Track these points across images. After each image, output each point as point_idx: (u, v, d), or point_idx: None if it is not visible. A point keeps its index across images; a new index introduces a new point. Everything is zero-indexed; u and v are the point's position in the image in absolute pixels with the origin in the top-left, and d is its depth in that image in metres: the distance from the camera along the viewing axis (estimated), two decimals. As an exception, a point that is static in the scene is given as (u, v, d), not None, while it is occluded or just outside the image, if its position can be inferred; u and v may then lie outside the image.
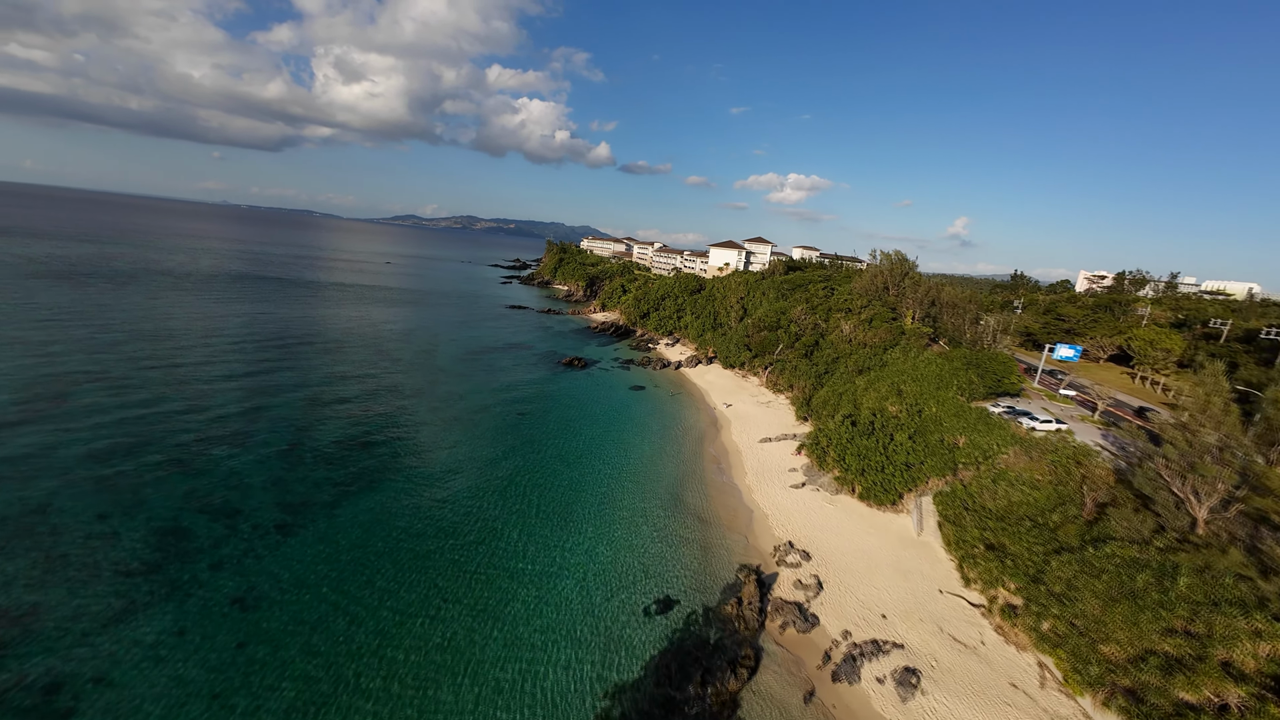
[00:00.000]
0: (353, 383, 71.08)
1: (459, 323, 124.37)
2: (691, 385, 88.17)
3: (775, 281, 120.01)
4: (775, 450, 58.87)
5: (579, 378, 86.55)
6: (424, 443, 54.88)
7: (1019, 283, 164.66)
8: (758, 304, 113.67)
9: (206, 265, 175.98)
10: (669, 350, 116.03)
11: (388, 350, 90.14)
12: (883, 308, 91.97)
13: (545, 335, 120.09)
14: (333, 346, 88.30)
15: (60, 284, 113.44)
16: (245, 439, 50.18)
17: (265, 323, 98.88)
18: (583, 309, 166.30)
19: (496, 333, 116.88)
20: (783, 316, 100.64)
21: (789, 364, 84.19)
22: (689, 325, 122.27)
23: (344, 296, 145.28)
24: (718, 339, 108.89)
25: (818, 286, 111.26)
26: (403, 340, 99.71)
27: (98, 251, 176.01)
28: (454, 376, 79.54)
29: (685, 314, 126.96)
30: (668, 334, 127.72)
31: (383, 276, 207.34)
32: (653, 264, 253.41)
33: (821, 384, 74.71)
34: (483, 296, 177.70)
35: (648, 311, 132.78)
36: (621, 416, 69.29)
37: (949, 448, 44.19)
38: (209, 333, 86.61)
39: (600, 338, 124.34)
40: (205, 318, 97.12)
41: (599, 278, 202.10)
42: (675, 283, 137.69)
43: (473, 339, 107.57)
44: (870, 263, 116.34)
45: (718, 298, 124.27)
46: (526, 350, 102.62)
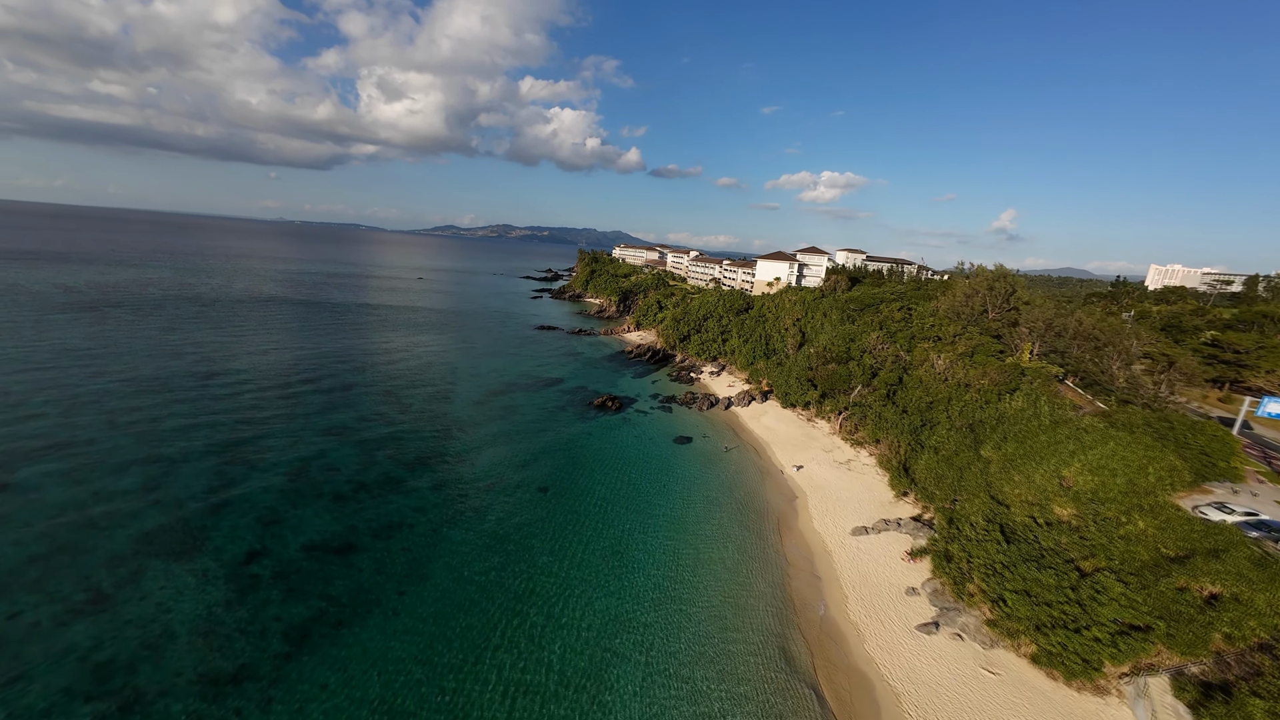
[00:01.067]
0: (347, 447, 60.40)
1: (483, 352, 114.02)
2: (748, 434, 73.53)
3: (838, 300, 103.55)
4: (877, 550, 43.78)
5: (613, 426, 73.48)
6: (411, 560, 42.91)
7: (1122, 289, 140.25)
8: (818, 327, 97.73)
9: (238, 288, 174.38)
10: (714, 381, 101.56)
11: (398, 393, 79.87)
12: (984, 337, 74.67)
13: (575, 365, 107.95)
14: (339, 391, 78.71)
15: (81, 317, 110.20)
16: (195, 548, 39.54)
17: (272, 362, 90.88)
18: (615, 328, 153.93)
19: (522, 363, 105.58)
20: (853, 345, 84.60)
21: (870, 409, 68.36)
22: (736, 350, 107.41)
23: (367, 321, 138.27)
24: (773, 370, 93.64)
25: (892, 306, 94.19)
26: (418, 378, 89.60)
27: (136, 277, 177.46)
28: (468, 429, 67.98)
29: (731, 337, 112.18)
30: (711, 359, 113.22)
31: (412, 295, 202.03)
32: (689, 274, 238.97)
33: (920, 442, 58.72)
34: (511, 316, 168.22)
35: (688, 334, 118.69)
36: (667, 490, 55.62)
37: (1196, 602, 28.15)
38: (206, 377, 78.68)
39: (636, 365, 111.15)
40: (210, 358, 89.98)
41: (632, 292, 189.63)
42: (718, 300, 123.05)
43: (495, 373, 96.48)
44: (954, 274, 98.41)
45: (769, 319, 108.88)
46: (554, 387, 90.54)
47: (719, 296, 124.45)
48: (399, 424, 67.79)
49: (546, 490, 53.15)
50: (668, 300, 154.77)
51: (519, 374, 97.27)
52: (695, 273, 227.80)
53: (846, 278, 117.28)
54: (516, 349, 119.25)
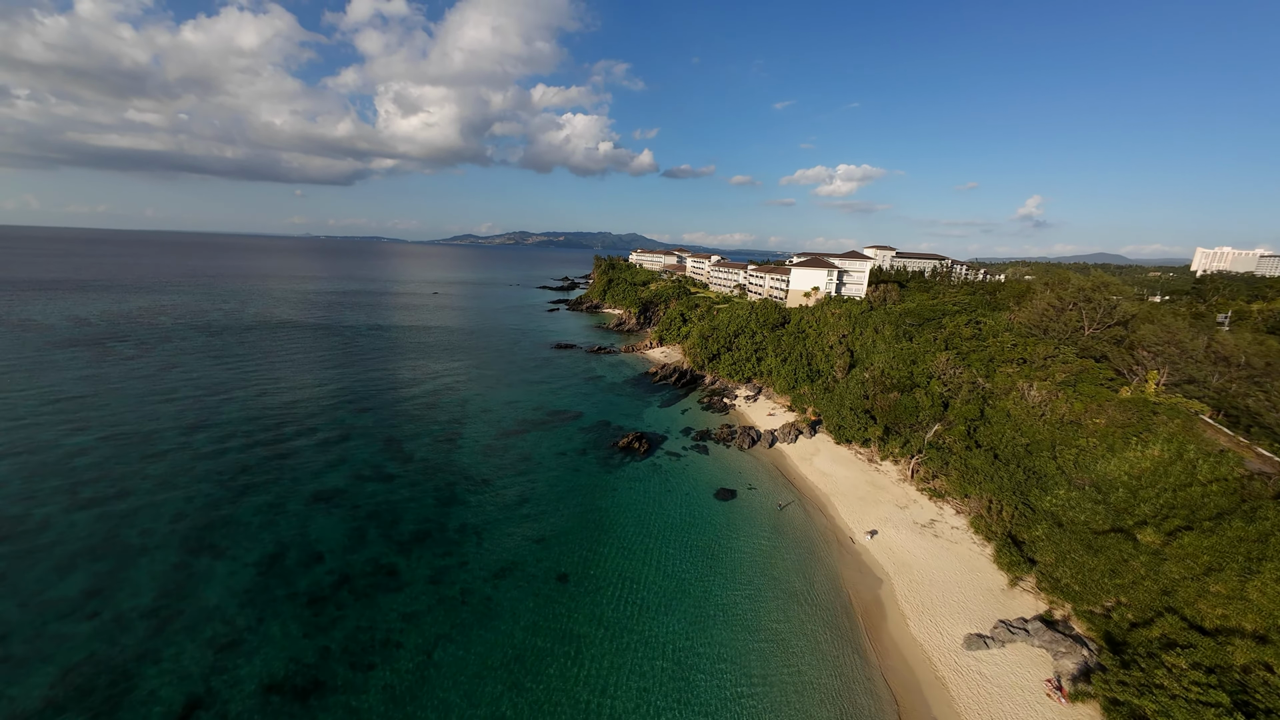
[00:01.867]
0: (335, 519, 51.84)
1: (496, 379, 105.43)
2: (802, 482, 62.58)
3: (890, 314, 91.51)
4: (1006, 675, 32.76)
5: (642, 475, 63.44)
6: (390, 699, 33.69)
7: (1213, 284, 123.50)
8: (869, 346, 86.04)
9: (250, 313, 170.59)
10: (751, 408, 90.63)
11: (401, 441, 71.42)
12: (1086, 360, 62.24)
13: (596, 392, 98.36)
14: (335, 441, 70.63)
15: (80, 355, 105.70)
16: (119, 699, 30.99)
17: (268, 406, 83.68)
18: (637, 343, 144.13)
19: (538, 393, 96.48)
20: (915, 368, 72.93)
21: (952, 454, 56.80)
22: (774, 372, 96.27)
23: (376, 347, 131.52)
24: (819, 396, 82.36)
25: (958, 321, 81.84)
26: (424, 417, 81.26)
27: (151, 304, 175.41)
28: (476, 489, 58.80)
29: (767, 355, 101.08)
30: (745, 380, 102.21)
31: (425, 313, 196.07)
32: (710, 279, 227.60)
33: (1030, 503, 47.09)
34: (527, 333, 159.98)
35: (718, 352, 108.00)
36: (716, 568, 45.38)
37: None
38: (193, 428, 71.55)
39: (662, 391, 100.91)
40: (202, 402, 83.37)
41: (653, 302, 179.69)
42: (749, 314, 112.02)
43: (509, 407, 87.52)
44: (1029, 279, 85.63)
45: (809, 335, 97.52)
46: (573, 423, 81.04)
47: (750, 310, 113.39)
48: (398, 483, 59.08)
49: (567, 579, 43.45)
50: (691, 313, 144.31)
51: (534, 407, 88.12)
52: (718, 278, 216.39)
53: (897, 287, 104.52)
54: (532, 374, 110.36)
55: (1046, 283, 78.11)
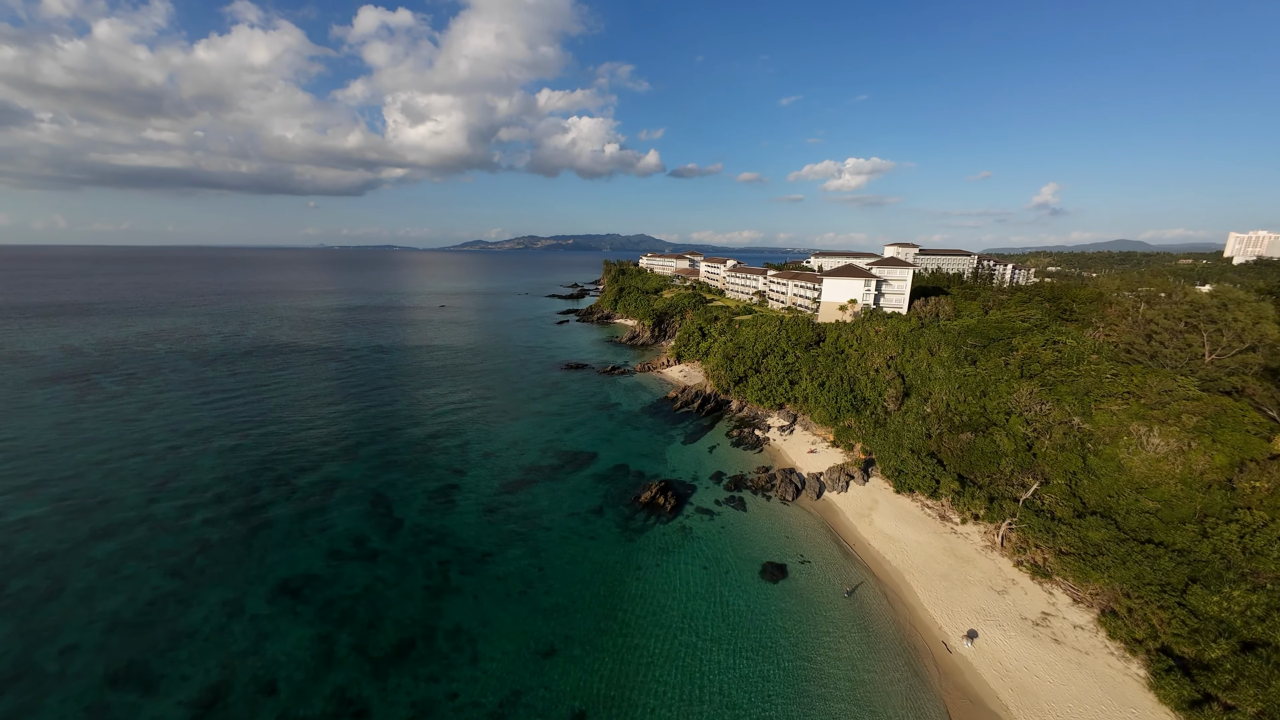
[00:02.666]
0: (300, 630, 42.58)
1: (501, 411, 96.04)
2: (865, 551, 51.88)
3: (947, 333, 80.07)
4: None
5: (670, 545, 53.22)
6: None
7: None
8: (925, 371, 74.84)
9: (250, 336, 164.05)
10: (788, 441, 79.91)
11: (389, 500, 62.21)
12: (1220, 397, 50.60)
13: (611, 426, 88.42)
14: (313, 510, 61.66)
15: (61, 393, 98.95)
16: None
17: (244, 460, 74.99)
18: (652, 360, 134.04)
19: (547, 428, 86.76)
20: (987, 400, 61.88)
21: (1060, 524, 45.72)
22: (811, 398, 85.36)
23: (375, 372, 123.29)
24: (869, 429, 71.39)
25: (1033, 340, 70.16)
26: (419, 463, 72.12)
27: (150, 329, 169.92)
28: (470, 574, 49.17)
29: (801, 378, 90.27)
30: (777, 406, 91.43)
31: (430, 330, 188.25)
32: (726, 285, 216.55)
33: (1186, 600, 35.96)
34: (535, 350, 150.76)
35: (744, 374, 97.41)
36: (767, 701, 35.02)
37: None
38: (158, 487, 63.16)
39: (685, 422, 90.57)
40: (176, 450, 75.34)
41: (667, 314, 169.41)
42: (779, 331, 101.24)
43: (513, 450, 77.92)
44: (1094, 278, 74.04)
45: (851, 357, 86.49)
46: (586, 469, 71.17)
47: (779, 326, 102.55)
48: (383, 562, 49.74)
49: None
50: (711, 326, 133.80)
51: (543, 447, 78.46)
52: (734, 284, 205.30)
53: (950, 299, 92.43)
54: (541, 402, 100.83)
55: (1142, 295, 66.25)
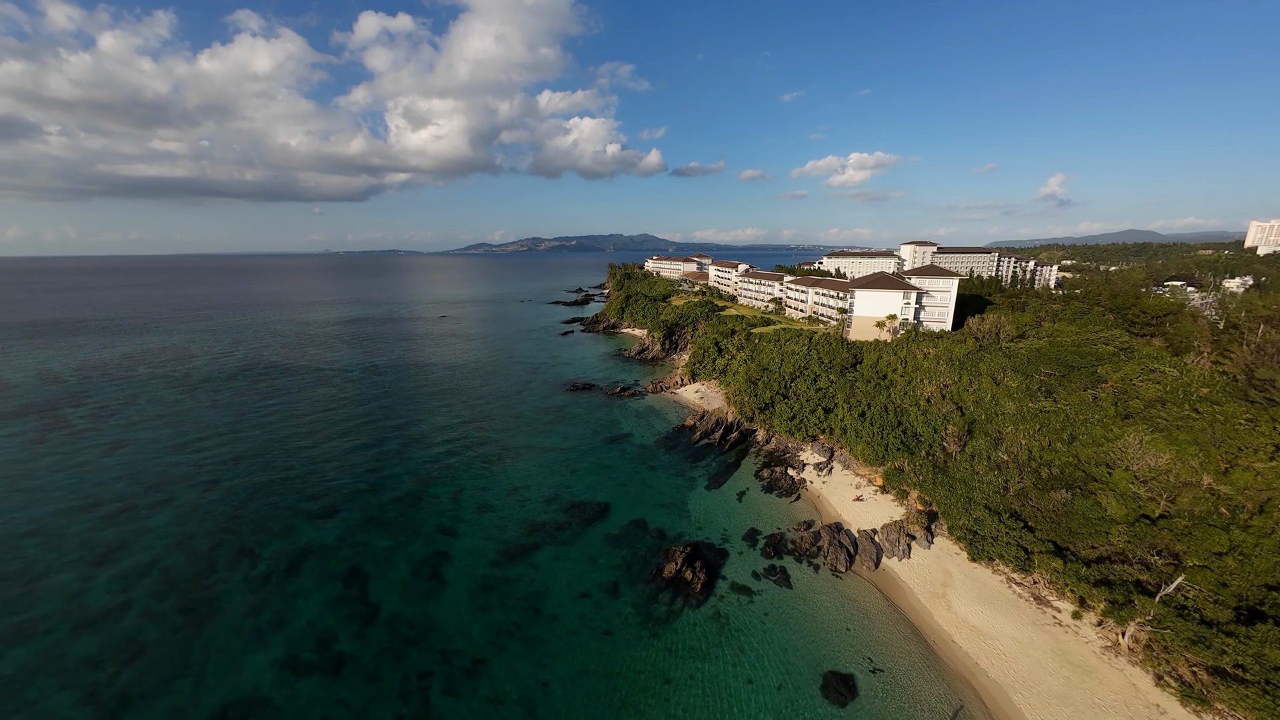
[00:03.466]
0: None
1: (500, 446, 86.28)
2: (948, 650, 41.47)
3: (1015, 357, 69.12)
4: None
5: (702, 646, 42.96)
6: None
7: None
8: (989, 403, 64.16)
9: (239, 357, 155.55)
10: (828, 484, 69.47)
11: (366, 574, 52.56)
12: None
13: (623, 464, 78.38)
14: (278, 575, 52.20)
15: (26, 427, 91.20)
16: None
17: (211, 507, 66.13)
18: (665, 379, 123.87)
19: (551, 470, 76.82)
20: (1078, 446, 51.41)
21: (1226, 636, 35.10)
22: (850, 430, 74.84)
23: (366, 398, 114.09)
24: (928, 476, 60.86)
25: (1127, 370, 59.18)
26: (403, 521, 62.48)
27: (135, 350, 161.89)
28: (455, 687, 39.22)
29: (837, 405, 79.87)
30: (809, 438, 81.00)
31: (429, 344, 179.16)
32: (739, 291, 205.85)
33: None
34: (539, 370, 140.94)
35: (771, 400, 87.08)
36: None
37: None
38: (99, 562, 53.89)
39: (706, 457, 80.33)
40: (130, 509, 66.31)
41: (678, 325, 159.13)
42: (808, 350, 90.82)
43: (513, 500, 68.03)
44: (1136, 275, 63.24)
45: (896, 383, 75.95)
46: (596, 525, 61.14)
47: (808, 344, 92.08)
48: (348, 676, 40.01)
49: None
50: (727, 341, 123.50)
51: (547, 496, 68.57)
52: (747, 291, 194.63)
53: (1012, 315, 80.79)
54: (544, 434, 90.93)
55: (1256, 310, 55.26)
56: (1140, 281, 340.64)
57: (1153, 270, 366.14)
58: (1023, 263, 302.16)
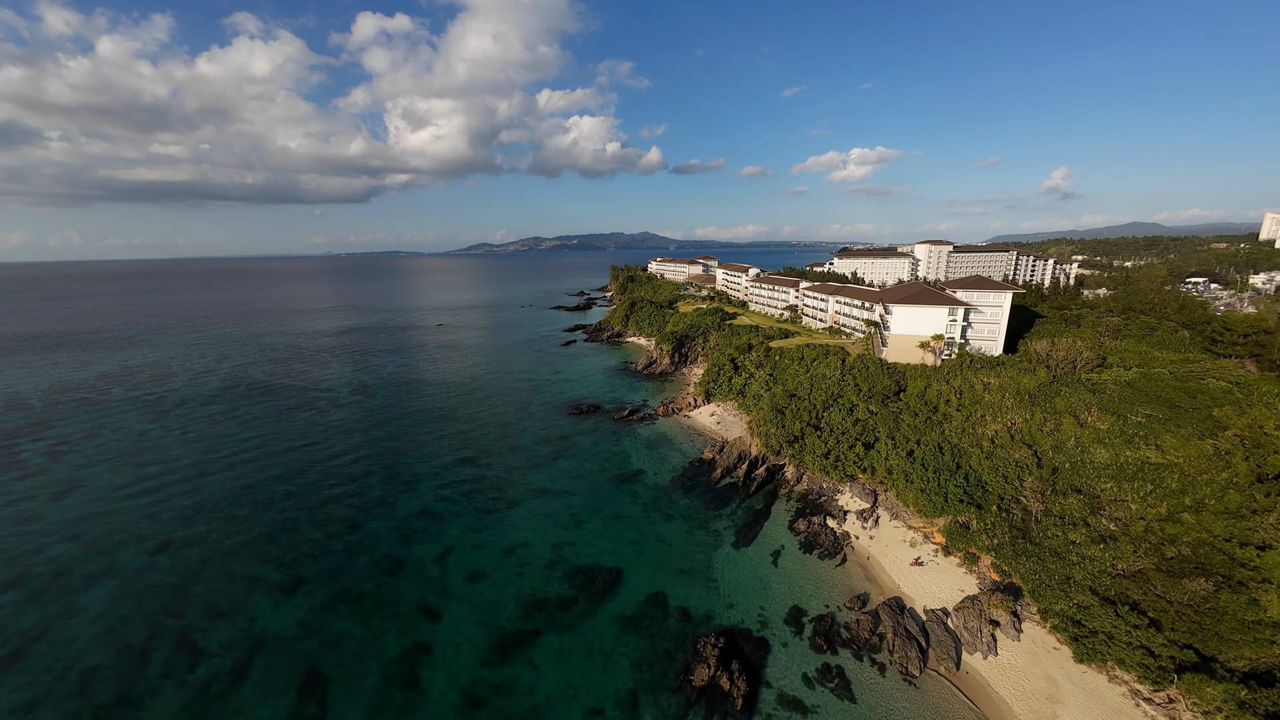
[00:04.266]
0: None
1: (494, 489, 76.49)
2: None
3: (1101, 392, 58.56)
4: None
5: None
6: None
7: None
8: (1075, 450, 53.93)
9: (220, 375, 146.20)
10: (877, 539, 59.45)
11: (326, 678, 42.83)
12: None
13: (634, 512, 68.39)
14: (219, 679, 42.52)
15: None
16: None
17: (155, 575, 56.72)
18: (677, 399, 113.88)
19: (552, 521, 66.94)
20: (1203, 516, 41.47)
21: None
22: (897, 471, 64.73)
23: (349, 428, 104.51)
24: (1006, 540, 50.67)
25: (1253, 413, 48.78)
26: (376, 600, 52.76)
27: (112, 369, 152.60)
28: None
29: (879, 440, 69.83)
30: (847, 477, 70.92)
31: (423, 358, 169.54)
32: (749, 297, 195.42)
33: None
34: (539, 388, 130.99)
35: (802, 432, 77.05)
36: None
37: None
38: (12, 656, 44.41)
39: (730, 504, 70.17)
40: (63, 577, 56.89)
41: (689, 336, 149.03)
42: (841, 375, 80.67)
43: (507, 565, 58.17)
44: None
45: (951, 417, 65.75)
46: (606, 604, 51.19)
47: (842, 369, 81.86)
48: None
49: None
50: (744, 358, 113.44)
51: (548, 560, 58.68)
52: (759, 297, 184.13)
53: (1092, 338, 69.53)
54: (545, 472, 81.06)
55: None
56: (1163, 279, 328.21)
57: (1173, 267, 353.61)
58: (1041, 261, 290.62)
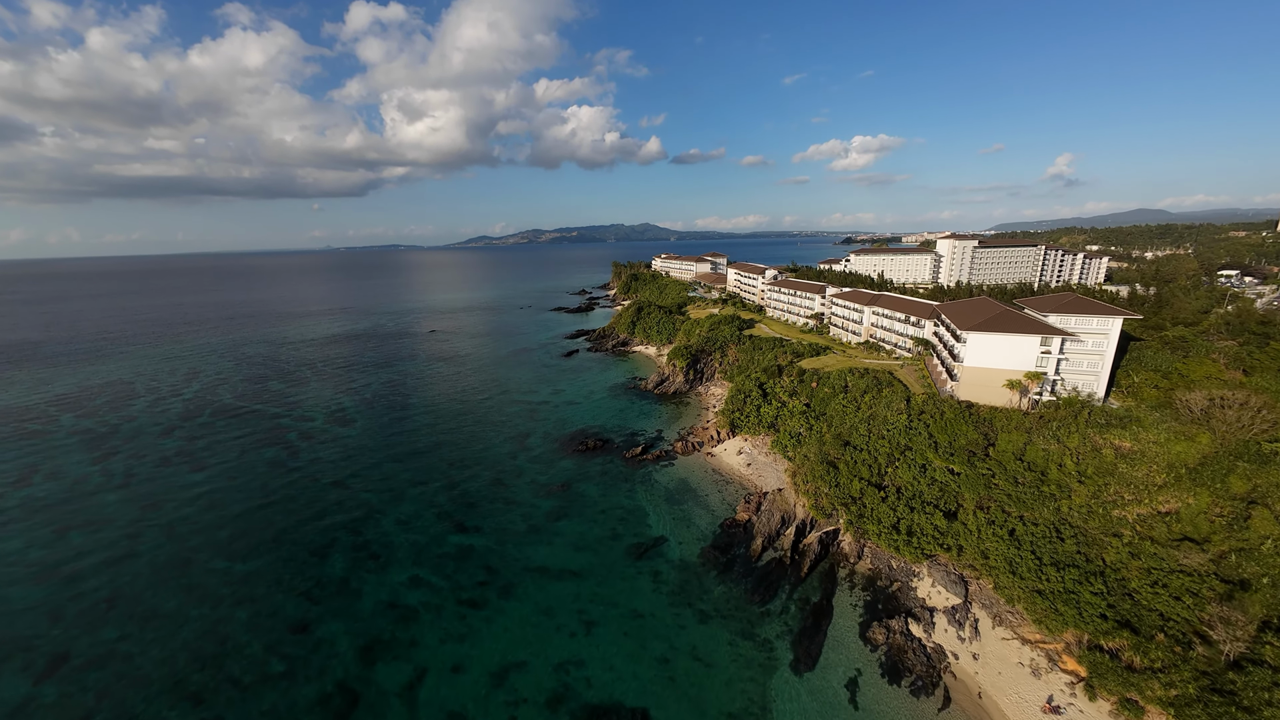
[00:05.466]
0: None
1: (478, 591, 62.19)
2: None
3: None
4: None
5: None
6: None
7: None
8: (1269, 556, 39.15)
9: (188, 397, 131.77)
10: (986, 661, 44.98)
11: None
12: None
13: (655, 604, 53.94)
14: None
15: None
16: None
17: None
18: (697, 430, 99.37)
19: (551, 627, 52.46)
20: None
21: None
22: (993, 555, 50.23)
23: (318, 471, 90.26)
24: (1192, 692, 36.16)
25: None
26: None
27: (71, 390, 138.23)
28: None
29: (965, 512, 55.26)
30: (923, 554, 56.34)
31: (411, 374, 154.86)
32: (766, 300, 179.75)
33: None
34: (539, 414, 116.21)
35: (861, 492, 62.42)
36: None
37: None
38: None
39: (779, 594, 55.66)
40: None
41: (705, 351, 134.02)
42: (911, 422, 65.80)
43: (494, 706, 44.03)
44: None
45: (1069, 490, 50.96)
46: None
47: (908, 412, 66.83)
48: None
49: None
50: (774, 383, 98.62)
51: (549, 693, 44.29)
52: (778, 302, 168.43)
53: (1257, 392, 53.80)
54: (546, 544, 66.60)
55: None
56: (1193, 271, 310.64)
57: (1203, 259, 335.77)
58: (1070, 256, 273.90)
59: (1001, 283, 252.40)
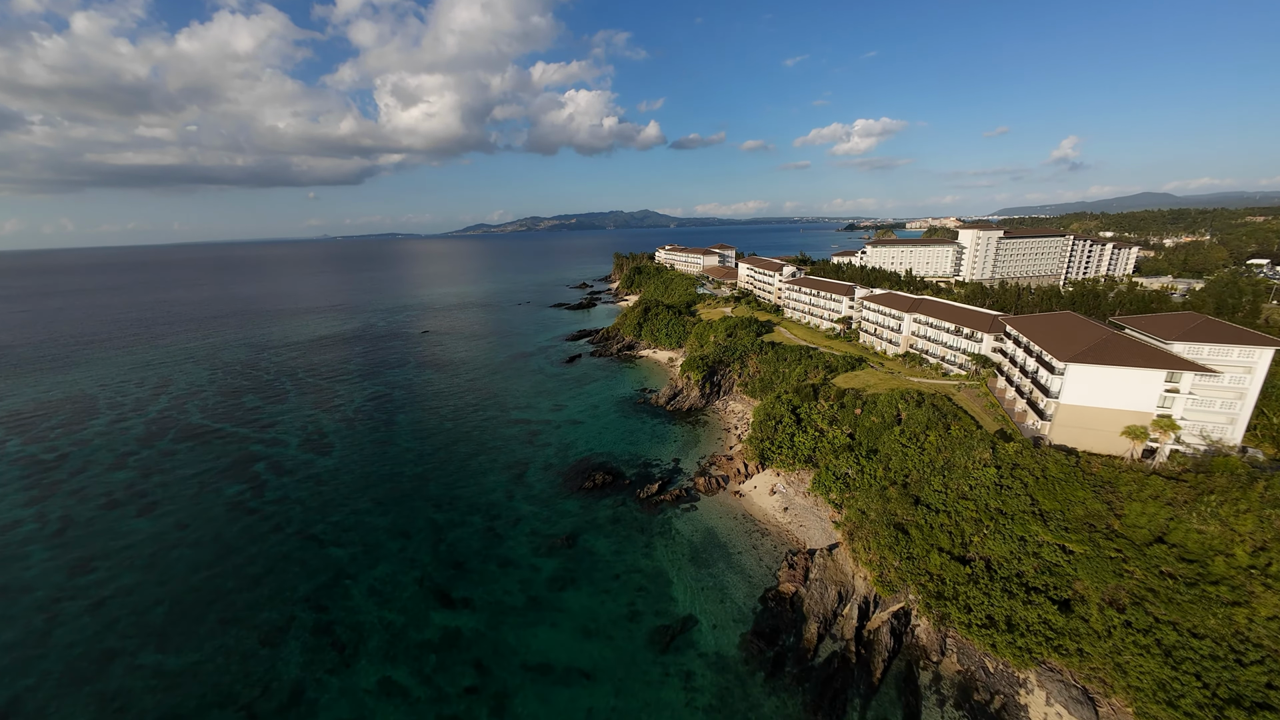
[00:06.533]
0: None
1: (465, 706, 50.13)
2: None
3: None
4: None
5: None
6: None
7: None
8: None
9: (152, 415, 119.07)
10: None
11: None
12: None
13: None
14: None
15: None
16: None
17: None
18: (721, 462, 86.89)
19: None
20: None
21: None
22: (1132, 669, 37.95)
23: (284, 513, 77.97)
24: None
25: None
26: None
27: (26, 405, 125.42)
28: None
29: (1088, 605, 42.88)
30: (1029, 657, 44.05)
31: (399, 385, 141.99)
32: (784, 300, 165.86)
33: None
34: (539, 435, 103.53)
35: (942, 568, 50.06)
36: None
37: None
38: None
39: (848, 710, 43.73)
40: None
41: (723, 362, 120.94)
42: (1001, 480, 53.20)
43: None
44: None
45: (1248, 593, 38.36)
46: None
47: (997, 466, 54.06)
48: None
49: None
50: (809, 408, 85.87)
51: None
52: (797, 303, 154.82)
53: None
54: (549, 628, 54.37)
55: None
56: (1222, 260, 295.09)
57: (1231, 247, 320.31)
58: (1099, 246, 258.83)
59: (1028, 275, 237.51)
